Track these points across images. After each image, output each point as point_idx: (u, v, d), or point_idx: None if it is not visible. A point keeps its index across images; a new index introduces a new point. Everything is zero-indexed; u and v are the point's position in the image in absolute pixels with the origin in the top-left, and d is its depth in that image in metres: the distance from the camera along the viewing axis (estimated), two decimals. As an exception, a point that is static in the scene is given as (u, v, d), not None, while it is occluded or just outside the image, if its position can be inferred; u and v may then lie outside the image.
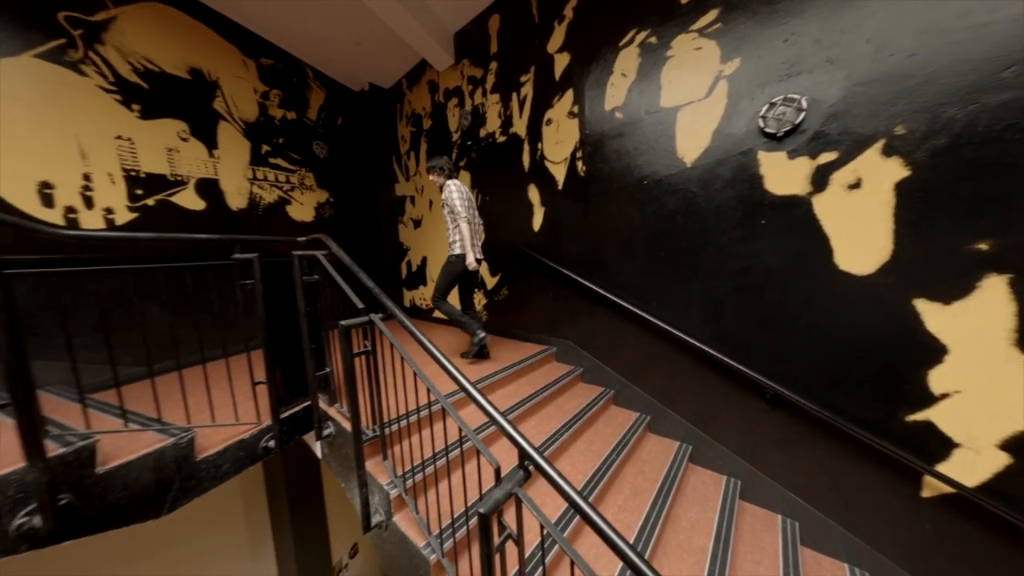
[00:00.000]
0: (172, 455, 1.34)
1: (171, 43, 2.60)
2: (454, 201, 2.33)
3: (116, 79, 2.34)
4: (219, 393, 1.66)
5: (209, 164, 2.84)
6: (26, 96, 2.00)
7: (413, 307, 4.42)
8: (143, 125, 2.47)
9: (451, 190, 2.36)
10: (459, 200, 2.34)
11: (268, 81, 3.27)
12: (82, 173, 2.19)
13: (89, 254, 2.10)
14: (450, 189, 2.36)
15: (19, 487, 1.00)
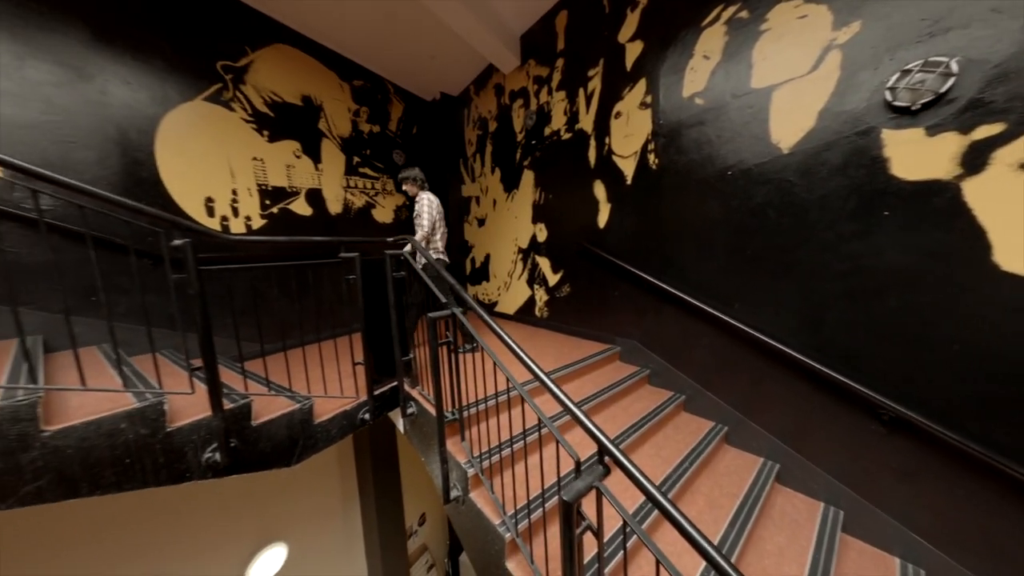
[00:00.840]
0: (299, 418, 1.66)
1: (289, 76, 3.12)
2: (423, 218, 2.51)
3: (253, 111, 2.89)
4: (329, 369, 1.98)
5: (315, 176, 3.35)
6: (197, 131, 2.60)
7: (477, 301, 4.66)
8: (270, 147, 3.01)
9: (424, 204, 2.53)
10: (428, 217, 2.51)
11: (358, 100, 3.72)
12: (231, 189, 2.77)
13: (241, 252, 2.66)
14: (423, 202, 2.54)
15: (207, 430, 1.34)
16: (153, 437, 1.21)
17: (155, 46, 2.38)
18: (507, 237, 3.93)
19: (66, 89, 2.06)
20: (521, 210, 3.66)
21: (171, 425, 1.25)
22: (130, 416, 1.15)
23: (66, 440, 1.04)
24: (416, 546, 4.78)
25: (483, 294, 4.50)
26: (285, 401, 1.66)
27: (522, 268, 3.77)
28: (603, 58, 2.66)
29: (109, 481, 1.12)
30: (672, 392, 2.35)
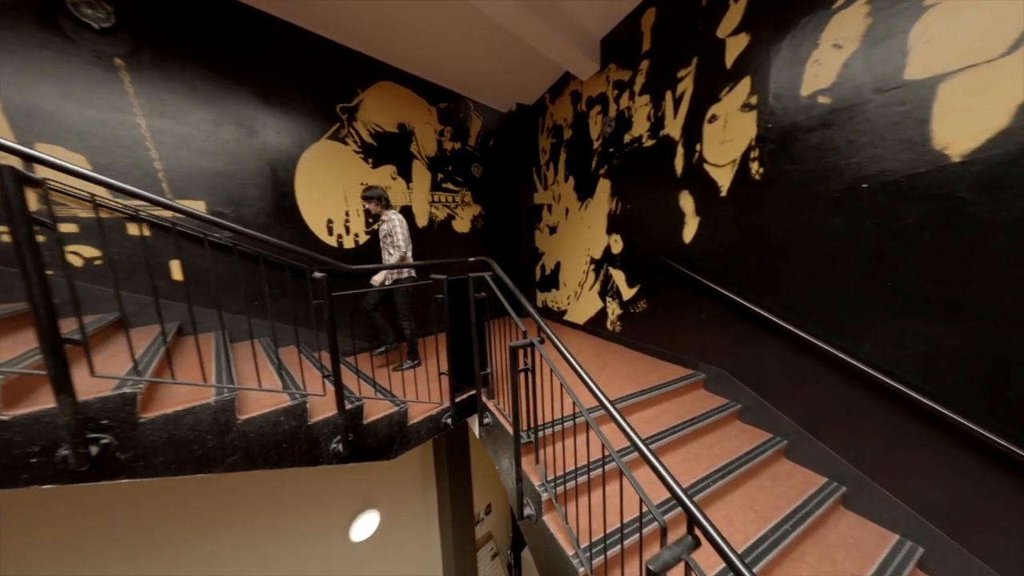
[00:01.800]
0: (397, 419, 1.93)
1: (389, 108, 3.55)
2: (399, 238, 2.63)
3: (361, 143, 3.38)
4: (419, 375, 2.24)
5: (407, 195, 3.77)
6: (321, 165, 3.15)
7: (545, 308, 4.71)
8: (373, 172, 3.49)
9: (395, 224, 2.65)
10: (403, 237, 2.65)
11: (444, 121, 4.04)
12: (345, 211, 3.30)
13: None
14: (394, 223, 2.65)
15: (334, 426, 1.66)
16: (299, 428, 1.55)
17: (296, 100, 2.95)
18: (579, 246, 3.87)
19: (242, 144, 2.70)
20: (595, 220, 3.57)
21: (311, 420, 1.59)
22: (287, 412, 1.50)
23: (249, 426, 1.40)
24: (482, 533, 5.11)
25: (552, 302, 4.52)
26: (387, 404, 1.94)
27: (594, 279, 3.69)
28: (696, 56, 2.41)
29: (272, 459, 1.48)
30: (769, 434, 2.07)
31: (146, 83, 2.29)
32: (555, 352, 1.46)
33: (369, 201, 2.75)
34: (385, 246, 2.74)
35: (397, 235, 2.64)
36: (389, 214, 2.72)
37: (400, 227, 2.66)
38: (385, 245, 2.74)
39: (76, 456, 1.04)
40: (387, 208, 2.77)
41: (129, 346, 1.25)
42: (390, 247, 2.69)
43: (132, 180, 2.28)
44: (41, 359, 0.99)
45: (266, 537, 3.19)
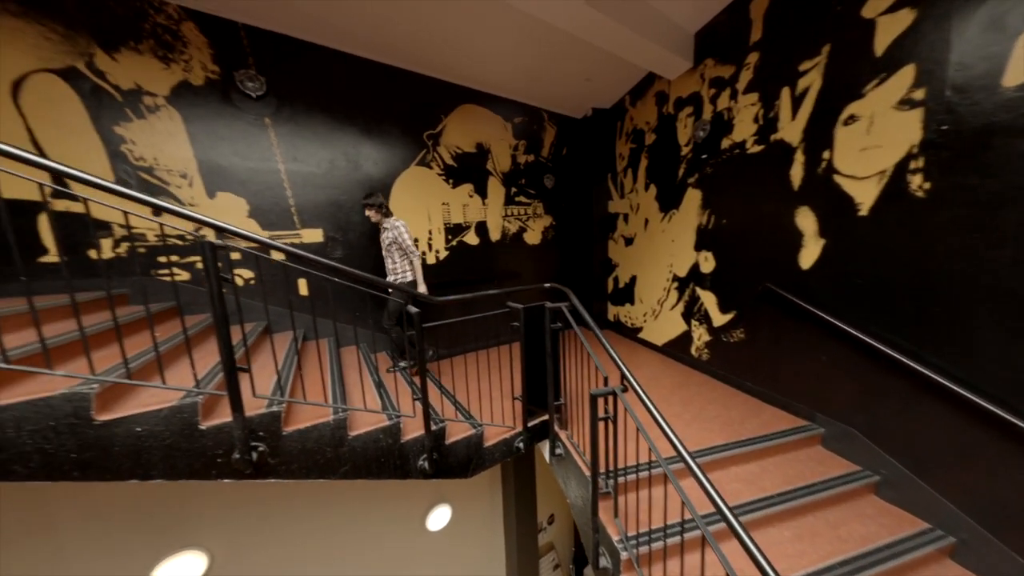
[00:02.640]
0: (474, 441, 2.03)
1: (468, 129, 3.72)
2: (407, 241, 2.67)
3: (443, 165, 3.62)
4: (496, 396, 2.32)
5: (482, 211, 3.93)
6: (409, 188, 3.46)
7: (617, 322, 4.47)
8: (453, 192, 3.71)
9: (401, 230, 2.67)
10: (410, 239, 2.69)
11: (518, 135, 4.08)
12: (428, 230, 3.59)
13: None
14: (400, 230, 2.67)
15: (421, 445, 1.82)
16: (394, 446, 1.74)
17: (391, 132, 3.29)
18: (659, 261, 3.56)
19: (349, 176, 3.12)
20: (681, 233, 3.23)
21: (403, 439, 1.77)
22: (384, 431, 1.70)
23: (357, 442, 1.63)
24: (544, 542, 5.15)
25: (626, 316, 4.27)
26: (466, 426, 2.06)
27: (677, 298, 3.36)
28: (829, 44, 1.97)
29: (373, 471, 1.69)
30: (925, 524, 1.63)
31: (284, 135, 2.80)
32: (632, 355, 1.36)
33: (370, 208, 2.71)
34: (390, 253, 2.74)
35: (406, 241, 2.67)
36: (392, 221, 2.70)
37: (406, 233, 2.69)
38: (390, 252, 2.73)
39: (243, 459, 1.33)
40: (387, 216, 2.75)
41: (276, 368, 1.55)
42: (396, 254, 2.71)
43: (275, 215, 2.82)
44: (222, 379, 1.27)
45: (347, 520, 3.64)
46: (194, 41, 2.44)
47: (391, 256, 2.74)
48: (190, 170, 2.49)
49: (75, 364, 1.23)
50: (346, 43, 2.89)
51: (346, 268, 1.67)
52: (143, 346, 1.48)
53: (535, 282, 4.41)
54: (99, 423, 1.12)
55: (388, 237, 2.71)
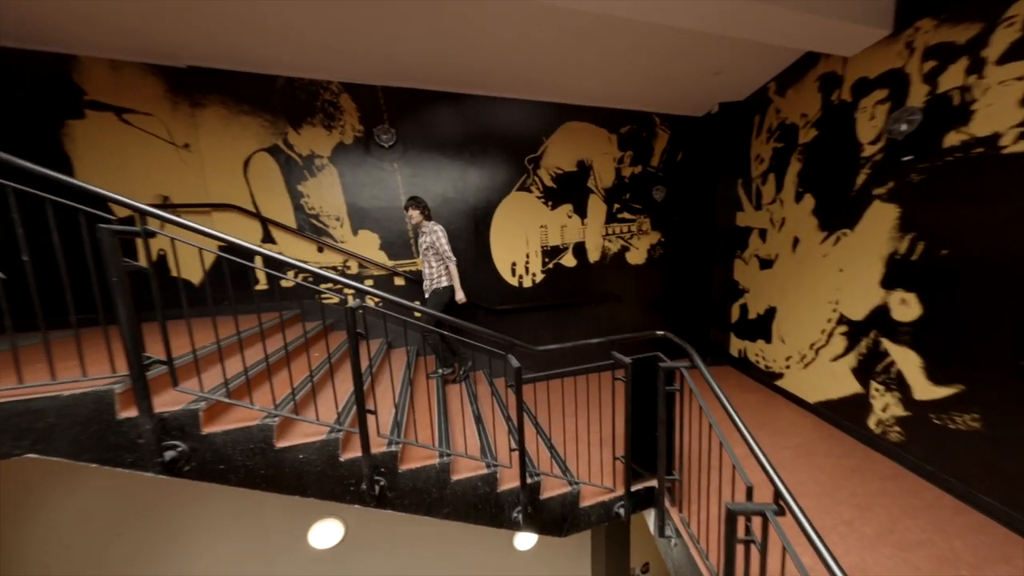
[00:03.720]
0: (569, 499, 1.90)
1: (569, 148, 3.58)
2: (444, 245, 2.65)
3: (543, 188, 3.57)
4: (594, 453, 2.14)
5: (581, 231, 3.73)
6: (509, 214, 3.52)
7: (743, 360, 3.68)
8: (551, 214, 3.63)
9: (439, 234, 2.65)
10: (447, 243, 2.66)
11: (624, 146, 3.73)
12: (526, 253, 3.60)
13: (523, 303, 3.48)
14: (437, 234, 2.65)
15: (516, 497, 1.78)
16: (491, 494, 1.75)
17: (494, 160, 3.40)
18: (816, 294, 2.75)
19: (456, 207, 3.35)
20: (855, 262, 2.41)
21: (499, 488, 1.77)
22: (483, 478, 1.72)
23: (458, 487, 1.70)
24: (637, 591, 4.65)
25: (757, 355, 3.46)
26: (561, 482, 1.94)
27: (845, 347, 2.52)
28: None
29: (471, 516, 1.74)
30: None
31: (407, 176, 3.18)
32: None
33: (414, 208, 2.69)
34: (427, 257, 2.75)
35: (443, 245, 2.66)
36: (431, 225, 2.70)
37: (443, 236, 2.68)
38: (427, 256, 2.74)
39: (368, 492, 1.52)
40: (428, 219, 2.75)
41: (394, 400, 1.73)
42: (432, 258, 2.72)
43: (398, 246, 3.23)
44: (355, 416, 1.46)
45: (435, 537, 3.90)
46: (347, 108, 2.97)
47: (428, 260, 2.76)
48: (342, 213, 3.06)
49: (262, 391, 1.60)
50: (454, 85, 3.10)
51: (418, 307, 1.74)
52: (303, 370, 1.84)
53: (637, 304, 3.99)
54: (277, 449, 1.42)
55: (426, 241, 2.73)
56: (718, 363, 3.87)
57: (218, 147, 2.71)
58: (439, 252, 2.68)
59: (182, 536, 2.88)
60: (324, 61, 2.65)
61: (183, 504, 2.87)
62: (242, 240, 1.47)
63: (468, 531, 3.89)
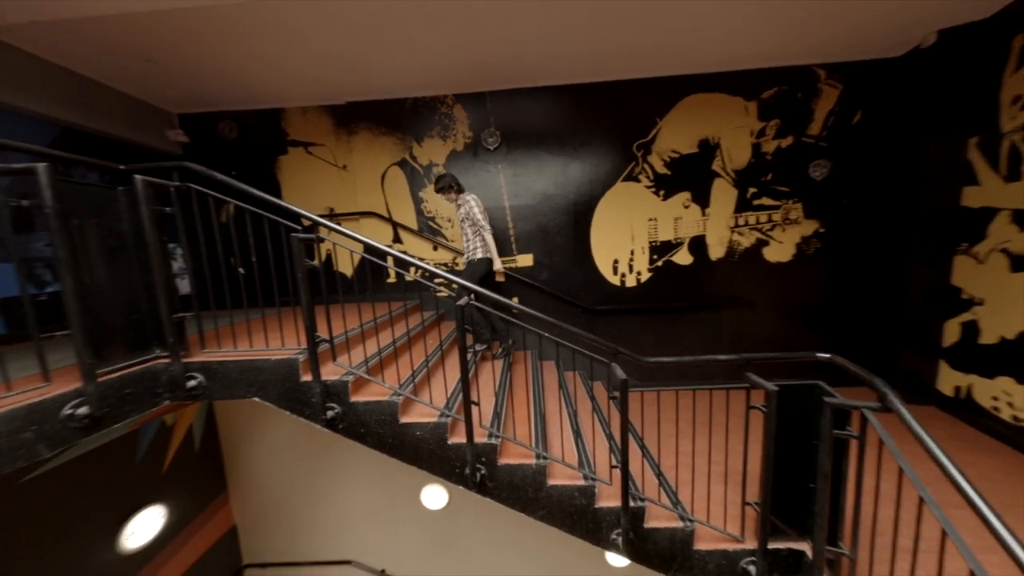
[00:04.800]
0: (680, 536, 1.63)
1: (689, 126, 3.07)
2: (477, 215, 2.60)
3: (653, 176, 3.17)
4: (715, 490, 1.80)
5: (700, 223, 3.18)
6: (613, 208, 3.25)
7: (964, 400, 2.54)
8: (662, 205, 3.20)
9: (471, 205, 2.61)
10: (481, 213, 2.62)
11: (766, 115, 2.99)
12: (630, 250, 3.28)
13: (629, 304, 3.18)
14: (470, 204, 2.61)
15: (616, 517, 1.63)
16: (587, 508, 1.65)
17: (599, 150, 3.19)
18: None
19: (556, 203, 3.29)
20: None
21: (597, 503, 1.65)
22: (580, 490, 1.64)
23: (554, 492, 1.65)
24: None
25: (993, 398, 2.34)
26: (671, 514, 1.69)
27: None
28: None
29: (567, 526, 1.68)
30: None
31: (510, 176, 3.28)
32: None
33: (444, 192, 2.72)
34: (464, 229, 2.73)
35: (476, 214, 2.62)
36: (464, 197, 2.69)
37: (477, 206, 2.64)
38: (464, 228, 2.73)
39: (471, 477, 1.61)
40: (460, 192, 2.73)
41: (494, 389, 1.79)
42: (469, 230, 2.69)
43: (499, 243, 3.35)
44: (459, 406, 1.57)
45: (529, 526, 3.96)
46: (459, 117, 3.23)
47: (465, 232, 2.75)
48: (453, 215, 3.37)
49: (390, 371, 1.88)
50: (559, 77, 3.01)
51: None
52: (420, 354, 2.08)
53: (775, 312, 3.19)
54: (401, 423, 1.64)
55: (462, 213, 2.71)
56: (917, 400, 2.77)
57: (365, 165, 3.31)
58: (474, 222, 2.65)
59: (338, 473, 3.72)
60: (441, 78, 2.93)
61: (341, 451, 3.69)
62: (378, 242, 1.73)
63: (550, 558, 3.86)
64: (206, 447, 3.48)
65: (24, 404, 1.21)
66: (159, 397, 1.61)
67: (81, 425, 1.34)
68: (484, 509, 3.83)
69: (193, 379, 1.64)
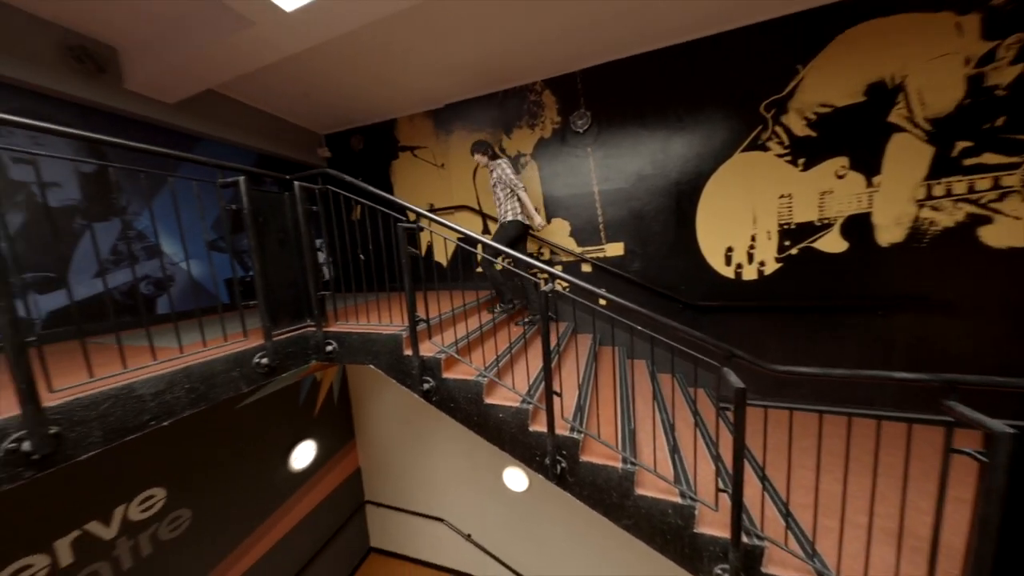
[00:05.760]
0: (816, 596, 1.28)
1: (851, 68, 2.31)
2: (510, 175, 2.62)
3: (790, 141, 2.52)
4: (881, 549, 1.35)
5: (863, 197, 2.40)
6: (728, 187, 2.71)
7: None
8: (802, 178, 2.52)
9: (504, 167, 2.64)
10: (514, 174, 2.63)
11: (1000, 29, 2.03)
12: (750, 235, 2.70)
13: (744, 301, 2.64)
14: (502, 166, 2.64)
15: (722, 550, 1.38)
16: (684, 530, 1.44)
17: (711, 118, 2.69)
18: None
19: (654, 184, 2.92)
20: None
21: (696, 528, 1.42)
22: (674, 508, 1.43)
23: (642, 503, 1.49)
24: None
25: None
26: (801, 564, 1.34)
27: None
28: None
29: (656, 543, 1.50)
30: None
31: (600, 159, 3.06)
32: None
33: (479, 152, 2.74)
34: (496, 193, 2.73)
35: (508, 175, 2.63)
36: (496, 162, 2.69)
37: (508, 167, 2.65)
38: (496, 192, 2.73)
39: (551, 467, 1.58)
40: (493, 159, 2.74)
41: (577, 382, 1.70)
42: (501, 194, 2.69)
43: (587, 232, 3.20)
44: (541, 395, 1.54)
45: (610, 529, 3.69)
46: (547, 103, 3.15)
47: (497, 197, 2.75)
48: (539, 204, 3.34)
49: (477, 354, 1.97)
50: (657, 39, 2.63)
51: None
52: (504, 340, 2.13)
53: (987, 317, 2.20)
54: (485, 404, 1.72)
55: (493, 177, 2.74)
56: None
57: (459, 162, 3.55)
58: (506, 184, 2.66)
59: (435, 439, 4.20)
60: (531, 63, 2.90)
61: (437, 419, 4.16)
62: (471, 232, 1.82)
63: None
64: (341, 401, 4.34)
65: (233, 352, 1.69)
66: (308, 357, 2.05)
67: (263, 371, 1.79)
68: (564, 502, 3.79)
69: (330, 345, 2.03)
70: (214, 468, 2.83)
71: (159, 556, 2.47)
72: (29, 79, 1.99)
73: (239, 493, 3.03)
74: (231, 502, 2.96)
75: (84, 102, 2.23)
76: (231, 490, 2.96)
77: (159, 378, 1.40)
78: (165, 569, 2.51)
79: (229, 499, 2.94)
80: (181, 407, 1.47)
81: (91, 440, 1.22)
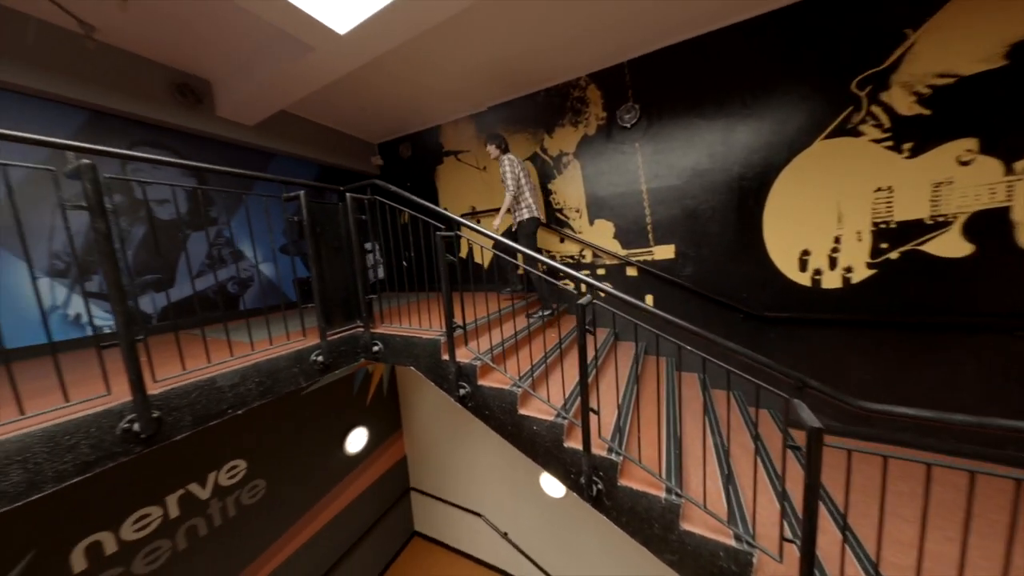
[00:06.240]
0: None
1: (980, 29, 1.84)
2: (506, 174, 2.63)
3: (891, 123, 2.09)
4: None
5: (998, 188, 1.91)
6: (803, 183, 2.34)
7: None
8: (907, 166, 2.08)
9: (505, 167, 2.64)
10: (511, 176, 2.64)
11: None
12: (833, 236, 2.31)
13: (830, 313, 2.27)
14: (504, 165, 2.64)
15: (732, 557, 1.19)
16: (738, 577, 1.27)
17: (785, 101, 2.34)
18: None
19: (712, 179, 2.63)
20: None
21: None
22: (727, 552, 1.28)
23: (689, 540, 1.35)
24: None
25: None
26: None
27: None
28: None
29: (703, 584, 1.34)
30: None
31: (648, 155, 2.83)
32: None
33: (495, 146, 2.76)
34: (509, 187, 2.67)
35: (504, 175, 2.63)
36: (503, 158, 2.68)
37: (510, 168, 2.64)
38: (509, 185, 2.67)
39: (587, 488, 1.51)
40: (505, 152, 2.73)
41: (617, 400, 1.60)
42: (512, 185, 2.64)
43: (633, 233, 3.00)
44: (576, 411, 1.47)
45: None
46: (592, 99, 3.00)
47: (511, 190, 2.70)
48: (581, 205, 3.21)
49: (511, 362, 1.95)
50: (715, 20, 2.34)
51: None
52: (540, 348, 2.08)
53: None
54: (519, 414, 1.69)
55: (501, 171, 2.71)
56: None
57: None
58: (503, 181, 2.66)
59: (473, 438, 4.30)
60: (574, 57, 2.78)
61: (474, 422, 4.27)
62: (505, 239, 1.79)
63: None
64: (390, 392, 4.65)
65: (294, 350, 1.87)
66: (358, 355, 2.20)
67: (319, 368, 1.96)
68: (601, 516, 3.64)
69: (376, 345, 2.16)
70: (282, 447, 3.21)
71: (241, 518, 2.87)
72: (148, 114, 2.39)
73: (302, 470, 3.40)
74: (296, 478, 3.33)
75: (186, 129, 2.63)
76: (296, 467, 3.33)
77: (234, 372, 1.60)
78: (245, 529, 2.91)
79: (294, 475, 3.32)
80: (252, 398, 1.66)
81: (183, 424, 1.43)
